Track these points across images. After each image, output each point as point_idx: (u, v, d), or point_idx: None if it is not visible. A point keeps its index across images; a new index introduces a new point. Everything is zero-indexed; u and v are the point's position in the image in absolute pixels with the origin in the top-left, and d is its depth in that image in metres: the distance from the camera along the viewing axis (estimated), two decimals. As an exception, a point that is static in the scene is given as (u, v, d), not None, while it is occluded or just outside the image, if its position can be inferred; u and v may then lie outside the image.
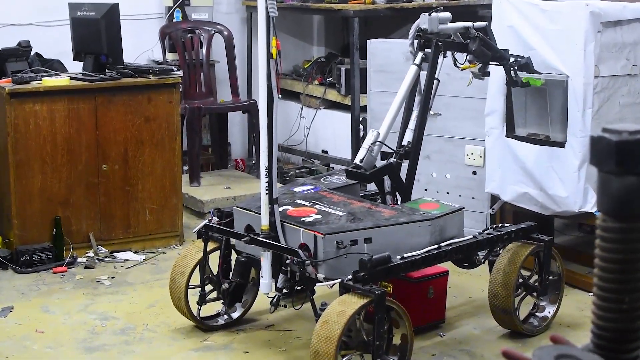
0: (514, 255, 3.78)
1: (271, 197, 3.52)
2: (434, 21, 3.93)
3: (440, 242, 3.56)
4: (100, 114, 4.84)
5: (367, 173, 3.79)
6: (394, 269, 3.33)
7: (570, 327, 3.94)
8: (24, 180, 4.70)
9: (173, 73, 5.07)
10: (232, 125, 7.01)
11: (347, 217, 3.55)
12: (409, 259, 3.38)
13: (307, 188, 3.96)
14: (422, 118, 3.94)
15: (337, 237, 3.36)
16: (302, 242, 3.41)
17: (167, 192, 5.03)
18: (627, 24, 4.08)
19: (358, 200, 3.80)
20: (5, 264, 4.68)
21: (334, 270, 3.34)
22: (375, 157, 3.81)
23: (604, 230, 1.01)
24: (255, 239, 3.55)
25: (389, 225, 3.50)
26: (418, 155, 3.99)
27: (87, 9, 4.97)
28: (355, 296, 3.17)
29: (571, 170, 4.06)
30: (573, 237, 5.21)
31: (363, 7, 6.14)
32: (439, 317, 3.98)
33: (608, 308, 1.01)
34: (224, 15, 6.96)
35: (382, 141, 3.79)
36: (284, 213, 3.59)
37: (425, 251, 3.47)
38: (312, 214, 3.58)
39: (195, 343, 3.81)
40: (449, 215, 3.67)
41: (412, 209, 3.71)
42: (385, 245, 3.41)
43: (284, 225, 3.52)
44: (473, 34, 3.93)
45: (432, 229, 3.57)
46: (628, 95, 4.14)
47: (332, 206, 3.68)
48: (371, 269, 3.20)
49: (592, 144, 0.98)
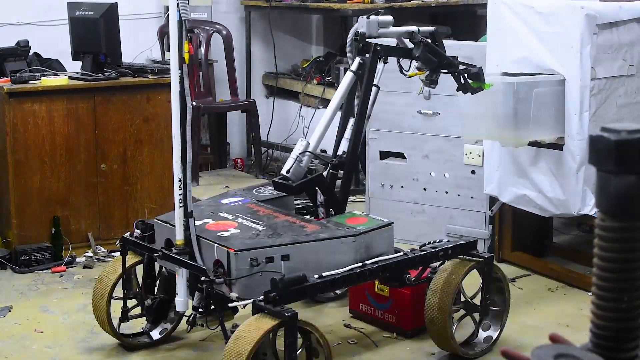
0: (451, 274, 3.54)
1: (186, 210, 3.30)
2: (373, 25, 3.77)
3: (366, 260, 3.33)
4: (99, 114, 4.84)
5: (294, 185, 3.59)
6: (310, 289, 3.13)
7: (569, 326, 3.94)
8: (23, 180, 4.70)
9: (172, 72, 5.06)
10: (231, 125, 7.02)
11: (266, 232, 3.33)
12: (328, 278, 3.16)
13: (236, 200, 3.75)
14: (358, 127, 3.75)
15: (250, 254, 3.13)
16: (217, 258, 3.21)
17: (166, 192, 5.02)
18: (623, 24, 4.08)
19: (284, 214, 3.58)
20: (4, 263, 4.68)
21: (249, 290, 3.11)
22: (303, 167, 3.60)
23: (603, 229, 1.01)
24: (167, 254, 3.36)
25: (308, 242, 3.27)
26: (353, 166, 3.81)
27: (86, 8, 4.97)
28: (266, 318, 2.98)
29: (569, 172, 4.06)
30: (572, 237, 5.22)
31: (362, 6, 6.15)
32: None
33: (607, 307, 1.01)
34: (223, 14, 6.96)
35: (312, 151, 3.60)
36: (202, 227, 3.39)
37: (348, 269, 3.24)
38: (231, 228, 3.37)
39: (195, 342, 3.81)
40: (376, 231, 3.42)
41: (337, 224, 3.48)
42: (304, 263, 3.20)
43: (200, 240, 3.30)
44: (418, 39, 3.76)
45: (357, 245, 3.34)
46: (625, 95, 4.14)
47: (255, 220, 3.47)
48: (283, 289, 3.00)
49: (590, 143, 0.98)
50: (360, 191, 5.86)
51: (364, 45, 3.77)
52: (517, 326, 3.98)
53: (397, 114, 5.03)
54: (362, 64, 3.75)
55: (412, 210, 5.06)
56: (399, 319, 3.83)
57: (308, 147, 3.61)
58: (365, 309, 3.96)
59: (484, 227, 4.88)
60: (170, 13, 3.34)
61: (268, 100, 7.09)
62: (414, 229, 5.07)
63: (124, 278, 3.62)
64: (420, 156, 5.01)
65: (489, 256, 3.64)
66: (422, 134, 4.97)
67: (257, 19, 7.04)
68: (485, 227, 4.87)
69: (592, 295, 1.03)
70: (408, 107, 4.99)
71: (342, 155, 3.76)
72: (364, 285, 3.86)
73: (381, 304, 3.90)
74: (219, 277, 3.15)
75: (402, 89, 5.00)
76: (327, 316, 4.06)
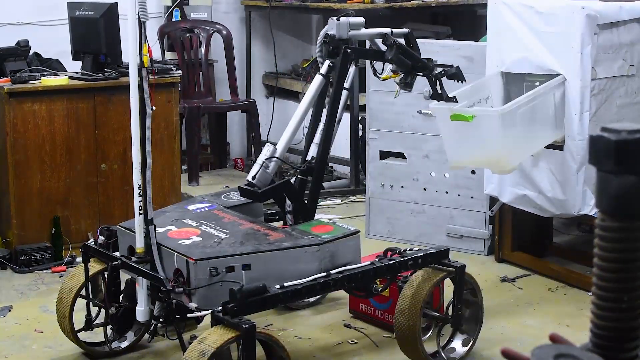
0: (421, 284, 3.43)
1: (146, 217, 3.23)
2: (343, 27, 3.68)
3: (331, 269, 3.24)
4: (99, 114, 4.84)
5: (259, 191, 3.46)
6: (270, 300, 3.04)
7: (569, 326, 3.94)
8: (23, 180, 4.70)
9: (172, 72, 5.06)
10: (231, 125, 7.02)
11: (228, 241, 3.25)
12: (290, 289, 3.07)
13: (203, 206, 3.68)
14: (328, 131, 3.64)
15: (210, 263, 3.04)
16: (177, 267, 3.13)
17: (166, 192, 5.03)
18: (624, 24, 4.08)
19: (250, 221, 3.50)
20: (4, 263, 4.68)
21: (209, 300, 3.03)
22: (270, 174, 3.50)
23: (603, 229, 1.01)
24: (126, 263, 3.29)
25: (270, 251, 3.18)
26: (323, 171, 3.72)
27: (86, 8, 4.96)
28: (224, 330, 2.91)
29: (570, 173, 4.06)
30: (572, 237, 5.22)
31: (362, 6, 6.15)
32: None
33: (607, 307, 1.01)
34: (223, 14, 6.96)
35: (279, 157, 3.50)
36: (164, 234, 3.31)
37: (311, 279, 3.15)
38: (193, 236, 3.29)
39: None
40: (341, 240, 3.33)
41: (302, 232, 3.39)
42: (266, 273, 3.12)
43: (161, 248, 3.22)
44: (391, 41, 3.68)
45: (321, 254, 3.25)
46: (625, 95, 4.15)
47: (218, 227, 3.39)
48: (242, 299, 2.92)
49: (591, 143, 0.98)
50: (361, 191, 5.87)
51: (334, 47, 3.68)
52: (517, 326, 3.98)
53: (397, 114, 5.03)
54: (332, 67, 3.67)
55: (412, 210, 5.07)
56: None
57: (275, 152, 3.50)
58: (366, 308, 3.96)
59: (484, 227, 4.88)
60: (129, 14, 3.24)
61: (268, 100, 7.09)
62: (414, 229, 5.07)
63: (87, 286, 3.54)
64: (420, 156, 5.01)
65: (461, 265, 3.51)
66: (422, 134, 4.97)
67: (257, 19, 7.04)
68: (485, 227, 4.87)
69: (592, 295, 1.03)
70: (408, 107, 4.99)
71: (311, 160, 3.66)
72: None
73: (381, 304, 3.89)
74: (179, 286, 3.07)
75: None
76: (327, 316, 4.06)
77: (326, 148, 3.66)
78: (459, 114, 3.78)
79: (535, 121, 3.98)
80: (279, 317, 4.02)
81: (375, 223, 5.17)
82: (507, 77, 4.25)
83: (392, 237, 5.11)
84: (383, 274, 3.43)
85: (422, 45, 4.97)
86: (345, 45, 3.66)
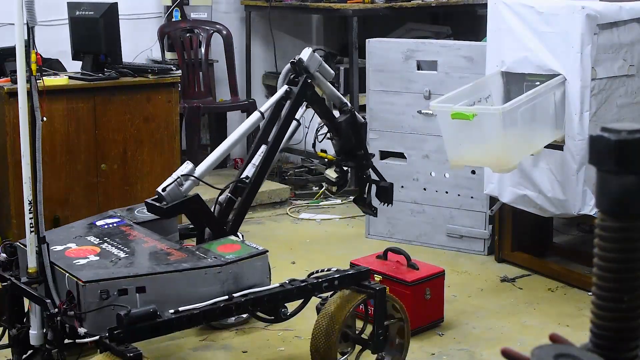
0: (339, 307, 3.27)
1: (38, 235, 3.05)
2: (315, 60, 3.59)
3: (235, 292, 3.04)
4: (99, 114, 4.84)
5: (165, 207, 3.26)
6: (163, 326, 2.83)
7: (569, 326, 3.95)
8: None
9: (172, 72, 5.06)
10: (231, 125, 7.00)
11: (126, 261, 3.06)
12: (185, 314, 2.87)
13: (112, 221, 3.51)
14: (268, 156, 3.54)
15: (100, 286, 2.86)
16: (68, 289, 2.94)
17: (166, 192, 5.03)
18: (624, 24, 4.08)
19: (155, 239, 3.31)
20: (4, 263, 4.68)
21: (99, 325, 2.84)
22: (183, 192, 3.29)
23: (603, 229, 1.01)
24: (15, 283, 3.11)
25: (166, 272, 2.98)
26: (254, 194, 3.56)
27: (86, 8, 4.97)
28: (109, 357, 2.74)
29: (570, 173, 4.06)
30: (572, 237, 5.22)
31: (362, 6, 6.15)
32: (438, 316, 3.97)
33: (607, 307, 1.01)
34: (223, 14, 6.96)
35: (198, 177, 3.34)
36: (62, 253, 3.14)
37: (210, 303, 2.95)
38: (90, 255, 3.11)
39: (194, 342, 3.81)
40: (246, 260, 3.12)
41: (207, 252, 3.19)
42: (163, 296, 2.93)
43: (54, 268, 3.04)
44: (347, 109, 3.63)
45: (223, 276, 3.04)
46: (625, 95, 4.15)
47: (120, 246, 3.21)
48: (129, 325, 2.73)
49: (591, 143, 0.98)
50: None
51: (296, 75, 3.59)
52: (517, 326, 3.98)
53: (397, 114, 5.03)
54: (289, 93, 3.57)
55: (412, 210, 5.07)
56: None
57: (193, 171, 3.34)
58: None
59: (484, 227, 4.88)
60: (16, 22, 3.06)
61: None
62: (414, 229, 5.07)
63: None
64: (420, 156, 5.01)
65: (381, 287, 3.33)
66: (422, 134, 4.97)
67: (257, 19, 7.04)
68: (485, 227, 4.88)
69: (592, 295, 1.03)
70: (408, 107, 4.99)
71: (245, 179, 3.53)
72: None
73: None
74: (70, 309, 2.90)
75: (402, 89, 5.01)
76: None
77: (263, 172, 3.53)
78: (460, 112, 3.78)
79: (536, 120, 3.98)
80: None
81: (376, 223, 5.17)
82: (507, 77, 4.25)
83: (392, 237, 5.11)
84: (293, 297, 3.21)
85: (423, 45, 5.01)
86: (307, 75, 3.56)
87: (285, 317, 3.28)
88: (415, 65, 4.97)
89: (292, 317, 3.32)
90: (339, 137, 3.67)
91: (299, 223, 5.64)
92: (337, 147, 3.71)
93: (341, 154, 3.70)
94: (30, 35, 3.02)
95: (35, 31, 3.13)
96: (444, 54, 4.87)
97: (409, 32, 6.76)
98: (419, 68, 4.97)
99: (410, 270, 3.89)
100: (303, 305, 3.34)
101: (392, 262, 3.97)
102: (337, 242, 5.19)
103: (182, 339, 3.83)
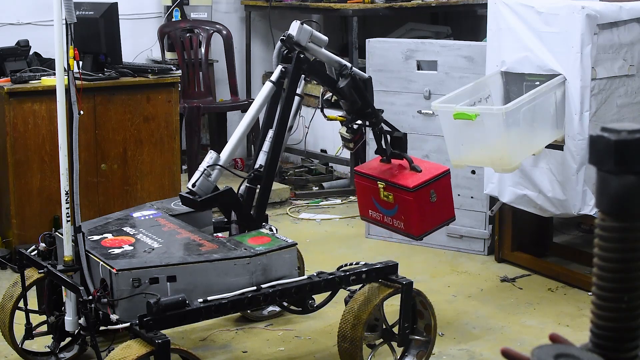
0: (366, 300, 3.31)
1: (74, 224, 3.15)
2: (305, 33, 3.51)
3: (263, 283, 3.12)
4: (99, 114, 4.84)
5: (199, 200, 3.34)
6: (191, 314, 2.92)
7: (569, 326, 3.95)
8: (23, 180, 4.70)
9: (172, 72, 5.07)
10: (231, 125, 7.00)
11: (159, 251, 3.15)
12: (213, 303, 2.95)
13: (148, 213, 3.60)
14: (277, 139, 3.54)
15: (133, 274, 2.95)
16: (102, 277, 3.04)
17: (166, 192, 5.02)
18: (624, 24, 4.08)
19: (189, 231, 3.39)
20: (4, 263, 4.68)
21: (131, 312, 2.92)
22: (212, 182, 3.37)
23: (603, 229, 1.01)
24: (52, 271, 3.20)
25: (197, 262, 3.06)
26: (271, 180, 3.60)
27: (86, 8, 4.97)
28: (139, 344, 2.82)
29: (569, 173, 4.06)
30: (572, 237, 5.22)
31: (362, 6, 6.15)
32: (449, 216, 3.83)
33: (607, 307, 1.01)
34: (223, 14, 6.96)
35: (222, 165, 3.39)
36: (98, 242, 3.23)
37: (238, 294, 3.03)
38: (125, 245, 3.20)
39: (194, 342, 3.81)
40: (275, 252, 3.20)
41: (237, 243, 3.27)
42: (193, 285, 3.03)
43: (89, 257, 3.13)
44: (347, 71, 3.57)
45: (252, 267, 3.13)
46: (625, 95, 4.15)
47: (155, 236, 3.30)
48: (158, 313, 2.82)
49: (591, 143, 0.98)
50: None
51: (288, 51, 3.55)
52: (517, 326, 3.98)
53: (397, 114, 5.02)
54: (285, 72, 3.55)
55: (412, 210, 5.06)
56: (407, 225, 3.70)
57: (218, 160, 3.40)
58: (375, 215, 3.85)
59: (484, 227, 4.88)
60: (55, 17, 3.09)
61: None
62: (414, 229, 5.07)
63: (24, 295, 3.46)
64: (420, 156, 5.00)
65: (408, 282, 3.35)
66: (422, 134, 4.97)
67: (257, 19, 7.04)
68: (485, 227, 4.87)
69: (592, 295, 1.03)
70: (408, 107, 4.99)
71: (259, 168, 3.55)
72: (370, 192, 3.75)
73: (388, 210, 3.77)
74: (104, 297, 2.99)
75: (402, 89, 5.02)
76: (327, 316, 4.06)
77: (275, 156, 3.55)
78: (462, 112, 3.78)
79: (537, 120, 3.98)
80: (279, 317, 4.02)
81: (375, 223, 5.16)
82: (507, 77, 4.25)
83: (392, 237, 5.10)
84: (321, 290, 3.27)
85: (423, 45, 5.01)
86: (299, 50, 3.53)
87: (312, 308, 3.36)
88: (415, 65, 4.97)
89: (320, 308, 3.39)
90: (345, 101, 3.65)
91: (299, 223, 5.64)
92: (346, 107, 3.71)
93: (350, 113, 3.70)
94: (69, 31, 3.08)
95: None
96: (444, 54, 4.87)
97: (409, 32, 6.77)
98: (419, 68, 4.97)
99: (413, 174, 3.74)
100: (330, 297, 3.39)
101: (394, 166, 3.80)
102: (337, 242, 5.19)
103: (180, 339, 3.83)
